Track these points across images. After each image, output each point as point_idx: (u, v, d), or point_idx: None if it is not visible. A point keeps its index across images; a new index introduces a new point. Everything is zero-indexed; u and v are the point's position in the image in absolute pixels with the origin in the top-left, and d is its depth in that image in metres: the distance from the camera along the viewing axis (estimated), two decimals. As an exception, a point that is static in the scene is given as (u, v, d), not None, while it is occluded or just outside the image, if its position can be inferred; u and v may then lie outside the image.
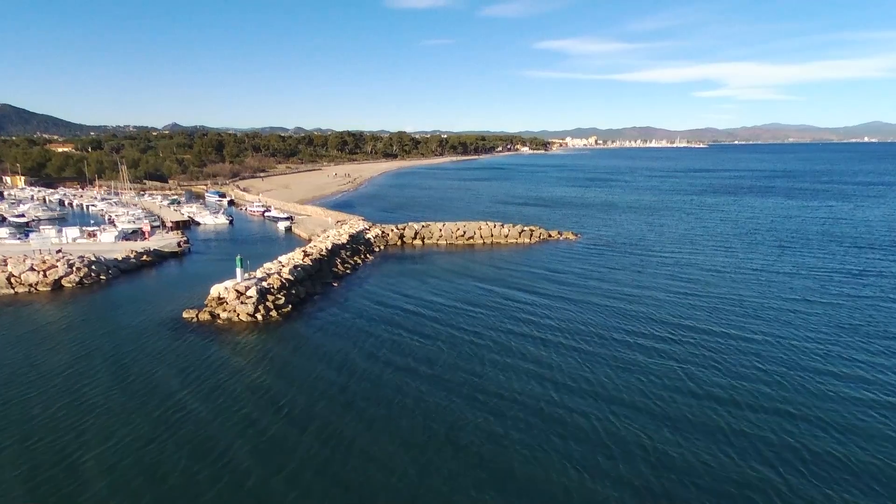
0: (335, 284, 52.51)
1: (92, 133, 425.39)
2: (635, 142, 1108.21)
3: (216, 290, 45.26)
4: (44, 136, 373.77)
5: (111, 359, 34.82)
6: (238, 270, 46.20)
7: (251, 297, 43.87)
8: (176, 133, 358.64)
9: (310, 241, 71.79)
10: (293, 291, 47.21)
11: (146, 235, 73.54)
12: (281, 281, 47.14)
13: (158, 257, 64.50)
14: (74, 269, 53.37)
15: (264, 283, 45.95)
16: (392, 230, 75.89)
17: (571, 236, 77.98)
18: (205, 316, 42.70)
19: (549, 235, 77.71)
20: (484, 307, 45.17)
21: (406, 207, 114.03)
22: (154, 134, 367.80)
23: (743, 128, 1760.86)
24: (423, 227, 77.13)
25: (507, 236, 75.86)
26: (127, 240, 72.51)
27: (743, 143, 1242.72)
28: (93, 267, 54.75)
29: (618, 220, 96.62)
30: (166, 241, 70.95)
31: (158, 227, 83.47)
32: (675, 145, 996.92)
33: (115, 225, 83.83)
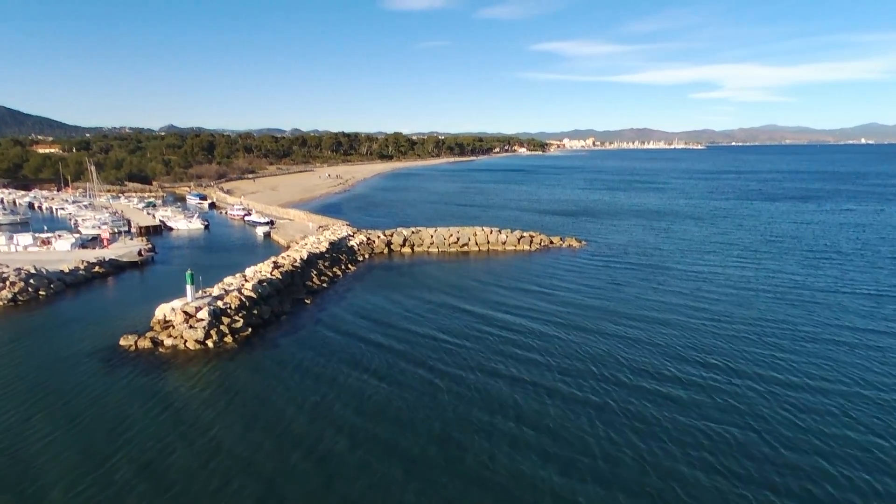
0: (307, 301, 45.57)
1: (87, 135, 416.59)
2: (633, 143, 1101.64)
3: (161, 310, 38.42)
4: (38, 137, 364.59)
5: (16, 403, 27.88)
6: (188, 288, 39.24)
7: (202, 319, 36.99)
8: (169, 134, 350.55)
9: (288, 248, 64.91)
10: (255, 311, 40.28)
11: (105, 243, 66.30)
12: (241, 299, 40.21)
13: (114, 268, 57.50)
14: (8, 283, 46.40)
15: (220, 303, 39.07)
16: (378, 237, 68.89)
17: (575, 243, 71.01)
18: (145, 343, 35.77)
19: (551, 242, 70.78)
20: (473, 339, 37.63)
21: (396, 211, 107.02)
22: (145, 136, 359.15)
23: (740, 129, 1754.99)
24: (412, 232, 70.19)
25: (504, 243, 69.03)
26: (85, 248, 65.33)
27: (740, 144, 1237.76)
28: (31, 281, 47.78)
29: (625, 225, 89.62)
30: (127, 248, 63.90)
31: (124, 232, 76.32)
32: (672, 146, 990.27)
33: (79, 230, 76.84)
